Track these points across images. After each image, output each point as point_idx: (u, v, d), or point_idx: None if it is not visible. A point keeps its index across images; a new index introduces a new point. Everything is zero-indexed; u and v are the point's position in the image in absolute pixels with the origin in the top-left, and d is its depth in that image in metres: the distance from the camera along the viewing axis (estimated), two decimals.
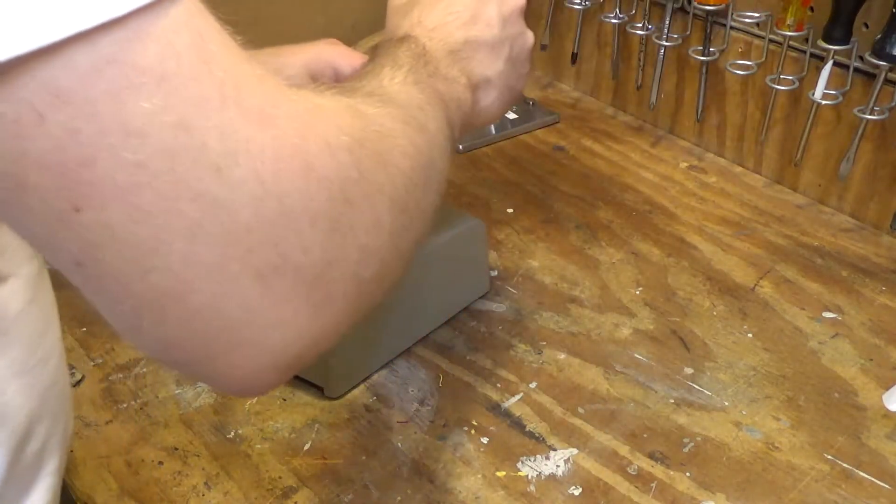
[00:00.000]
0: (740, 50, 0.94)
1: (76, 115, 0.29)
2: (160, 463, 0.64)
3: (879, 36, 0.79)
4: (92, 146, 0.29)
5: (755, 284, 0.81)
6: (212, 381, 0.37)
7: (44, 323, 0.50)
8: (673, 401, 0.69)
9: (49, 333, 0.50)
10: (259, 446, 0.66)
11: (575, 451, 0.65)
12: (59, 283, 0.85)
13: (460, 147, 1.01)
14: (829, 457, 0.64)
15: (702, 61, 0.95)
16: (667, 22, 0.97)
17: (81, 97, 0.29)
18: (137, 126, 0.30)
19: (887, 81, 0.80)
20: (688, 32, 0.97)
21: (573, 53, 1.10)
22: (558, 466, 0.64)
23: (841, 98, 0.85)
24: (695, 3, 0.92)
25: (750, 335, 0.75)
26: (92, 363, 0.73)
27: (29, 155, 0.29)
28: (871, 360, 0.73)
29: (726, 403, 0.69)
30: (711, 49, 0.95)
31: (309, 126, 0.35)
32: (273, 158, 0.33)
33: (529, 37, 0.67)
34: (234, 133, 0.32)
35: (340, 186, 0.36)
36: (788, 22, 0.85)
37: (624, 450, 0.65)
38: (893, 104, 0.81)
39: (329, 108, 0.38)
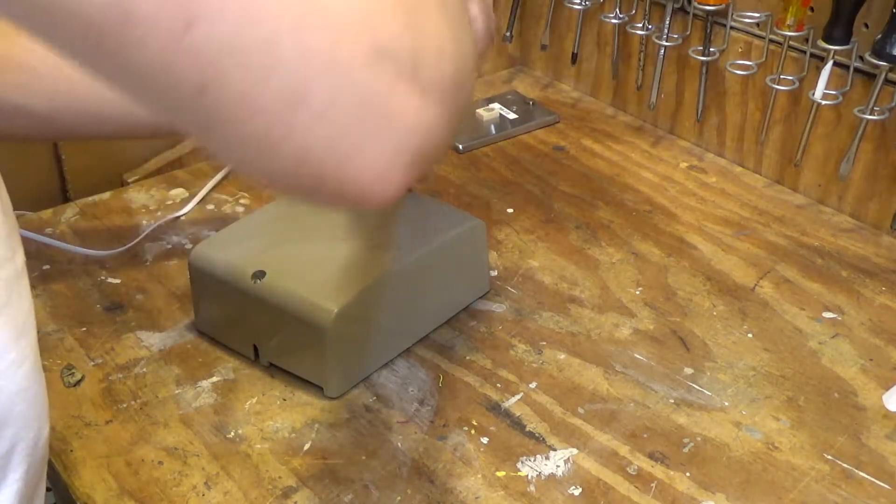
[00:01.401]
0: (740, 50, 0.94)
1: None
2: (160, 463, 0.64)
3: (879, 36, 0.79)
4: None
5: (755, 284, 0.81)
6: (345, 191, 0.37)
7: (20, 326, 0.50)
8: (673, 401, 0.69)
9: (24, 338, 0.50)
10: (259, 446, 0.66)
11: (575, 451, 0.65)
12: (59, 283, 0.85)
13: (460, 147, 1.01)
14: (829, 457, 0.64)
15: (702, 61, 0.95)
16: (667, 22, 0.97)
17: None
18: None
19: (887, 81, 0.80)
20: (688, 32, 0.97)
21: (573, 53, 1.10)
22: (558, 466, 0.64)
23: (841, 98, 0.85)
24: (695, 3, 0.93)
25: (750, 335, 0.75)
26: (92, 363, 0.73)
27: None
28: (871, 360, 0.73)
29: (726, 403, 0.69)
30: (711, 49, 0.95)
31: None
32: None
33: None
34: None
35: None
36: (788, 22, 0.85)
37: (624, 450, 0.65)
38: (893, 104, 0.81)
39: None
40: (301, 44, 0.33)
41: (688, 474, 0.63)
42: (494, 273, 0.82)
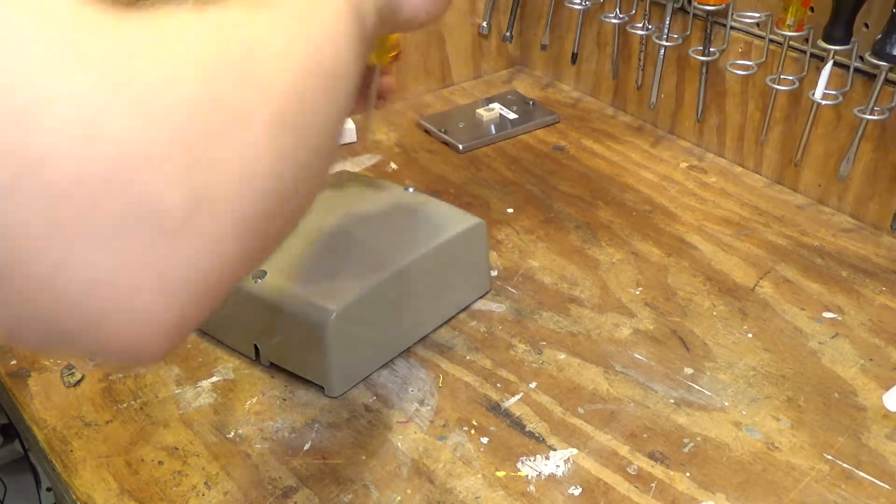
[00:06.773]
0: (740, 50, 0.94)
1: None
2: (160, 463, 0.64)
3: (879, 36, 0.79)
4: None
5: (755, 284, 0.81)
6: (96, 353, 0.32)
7: None
8: (673, 401, 0.69)
9: None
10: (259, 446, 0.66)
11: (575, 451, 0.65)
12: None
13: (461, 147, 1.01)
14: (829, 457, 0.64)
15: (702, 61, 0.96)
16: (667, 22, 0.97)
17: None
18: None
19: (887, 81, 0.80)
20: (688, 32, 0.97)
21: (573, 53, 1.10)
22: (558, 466, 0.64)
23: (841, 98, 0.85)
24: (695, 3, 0.93)
25: (750, 335, 0.75)
26: (92, 363, 0.73)
27: None
28: (871, 360, 0.73)
29: (726, 403, 0.69)
30: (711, 49, 0.95)
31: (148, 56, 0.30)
32: (101, 93, 0.28)
33: None
34: (49, 72, 0.27)
35: (196, 115, 0.31)
36: (788, 22, 0.85)
37: (624, 450, 0.65)
38: (893, 104, 0.81)
39: (177, 31, 0.33)
40: (10, 215, 0.27)
41: (688, 474, 0.63)
42: (494, 273, 0.82)
